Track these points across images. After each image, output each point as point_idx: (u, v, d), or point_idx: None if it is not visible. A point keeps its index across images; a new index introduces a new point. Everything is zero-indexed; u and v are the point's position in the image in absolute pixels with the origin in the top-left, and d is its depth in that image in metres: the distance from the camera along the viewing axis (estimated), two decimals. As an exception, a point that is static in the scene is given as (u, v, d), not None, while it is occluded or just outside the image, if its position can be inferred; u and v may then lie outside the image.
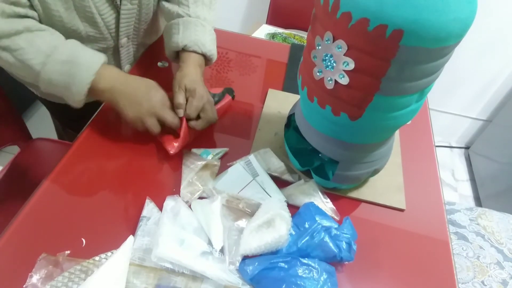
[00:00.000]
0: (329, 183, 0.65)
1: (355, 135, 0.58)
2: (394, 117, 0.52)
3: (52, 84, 0.65)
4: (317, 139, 0.62)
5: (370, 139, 0.59)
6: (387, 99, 0.49)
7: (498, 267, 0.92)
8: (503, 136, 1.69)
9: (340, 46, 0.46)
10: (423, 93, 0.52)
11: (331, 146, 0.61)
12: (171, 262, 0.53)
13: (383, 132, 0.58)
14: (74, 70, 0.63)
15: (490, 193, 1.69)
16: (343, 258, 0.56)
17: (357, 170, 0.62)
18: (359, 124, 0.53)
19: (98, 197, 0.63)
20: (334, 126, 0.57)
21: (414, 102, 0.52)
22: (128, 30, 0.80)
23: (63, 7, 0.66)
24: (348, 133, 0.57)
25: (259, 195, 0.64)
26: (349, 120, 0.53)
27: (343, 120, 0.53)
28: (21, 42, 0.62)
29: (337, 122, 0.55)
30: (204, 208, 0.60)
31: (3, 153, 1.57)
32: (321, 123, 0.59)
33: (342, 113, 0.53)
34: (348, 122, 0.53)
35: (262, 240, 0.55)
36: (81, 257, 0.54)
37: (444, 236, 0.65)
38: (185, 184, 0.65)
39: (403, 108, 0.52)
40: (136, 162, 0.69)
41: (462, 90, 1.82)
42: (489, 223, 1.03)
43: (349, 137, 0.58)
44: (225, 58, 0.96)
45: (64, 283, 0.51)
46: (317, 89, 0.54)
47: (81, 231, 0.58)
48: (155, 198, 0.62)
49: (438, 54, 0.45)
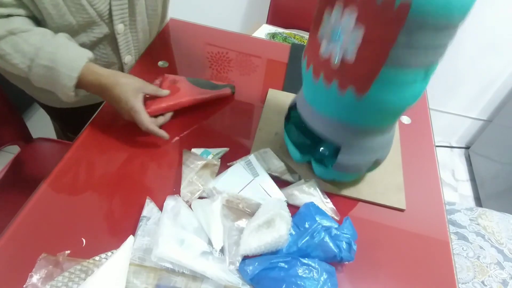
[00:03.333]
0: (330, 172, 0.65)
1: (359, 116, 0.58)
2: (399, 97, 0.53)
3: (42, 85, 0.68)
4: (319, 123, 0.62)
5: (374, 122, 0.59)
6: (394, 72, 0.50)
7: (498, 267, 0.92)
8: (503, 136, 1.69)
9: (348, 18, 0.48)
10: (427, 73, 0.52)
11: (334, 129, 0.61)
12: (171, 262, 0.53)
13: (387, 114, 0.58)
14: (55, 76, 0.65)
15: (490, 193, 1.69)
16: (343, 258, 0.56)
17: (358, 157, 0.62)
18: (364, 104, 0.54)
19: (98, 197, 0.63)
20: (338, 106, 0.58)
21: (419, 80, 0.52)
22: (123, 16, 0.78)
23: (51, 3, 0.66)
24: (352, 113, 0.57)
25: (259, 195, 0.63)
26: (355, 98, 0.53)
27: (348, 98, 0.54)
28: (6, 47, 0.63)
29: (342, 101, 0.55)
30: (204, 208, 0.60)
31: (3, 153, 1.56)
32: (325, 104, 0.59)
33: (348, 89, 0.53)
34: (353, 101, 0.54)
35: (262, 240, 0.55)
36: (81, 257, 0.54)
37: (444, 236, 0.65)
38: (185, 183, 0.65)
39: (409, 84, 0.52)
40: (136, 162, 0.69)
41: (462, 90, 1.82)
42: (489, 223, 1.03)
43: (353, 118, 0.58)
44: (225, 58, 0.96)
45: (64, 283, 0.51)
46: (324, 65, 0.55)
47: (81, 231, 0.58)
48: (155, 198, 0.62)
49: (443, 27, 0.47)
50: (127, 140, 0.72)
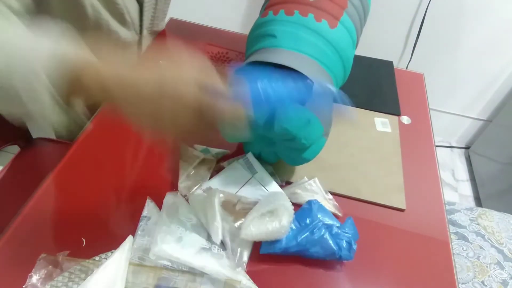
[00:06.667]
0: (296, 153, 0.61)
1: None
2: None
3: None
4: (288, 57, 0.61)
5: None
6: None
7: (498, 267, 0.92)
8: (503, 136, 1.69)
9: None
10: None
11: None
12: (170, 260, 0.54)
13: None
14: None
15: (490, 193, 1.69)
16: (342, 256, 0.56)
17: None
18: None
19: (98, 197, 0.63)
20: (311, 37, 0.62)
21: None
22: (148, 22, 0.81)
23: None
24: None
25: (259, 192, 0.64)
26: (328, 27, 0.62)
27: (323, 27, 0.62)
28: None
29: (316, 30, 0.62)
30: (202, 203, 0.60)
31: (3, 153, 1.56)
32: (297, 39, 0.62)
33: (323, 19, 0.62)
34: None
35: (263, 227, 0.55)
36: (81, 257, 0.54)
37: (444, 236, 0.65)
38: (183, 178, 0.65)
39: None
40: (137, 161, 0.69)
41: (462, 90, 1.82)
42: (489, 223, 1.03)
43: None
44: (225, 58, 0.96)
45: (64, 283, 0.51)
46: (297, 4, 0.62)
47: (81, 231, 0.58)
48: (155, 197, 0.62)
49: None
50: (127, 140, 0.72)
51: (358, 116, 0.85)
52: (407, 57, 1.73)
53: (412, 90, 0.97)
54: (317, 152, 0.62)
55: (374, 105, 0.88)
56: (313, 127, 0.55)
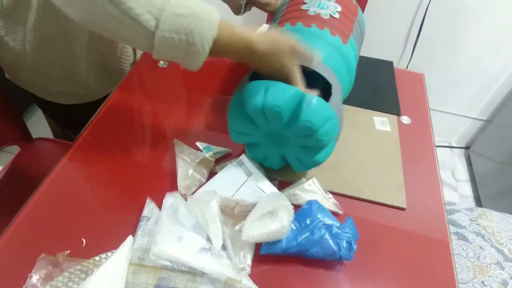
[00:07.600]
0: (309, 157, 0.62)
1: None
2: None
3: (166, 47, 0.53)
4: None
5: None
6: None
7: (498, 267, 0.92)
8: (503, 136, 1.69)
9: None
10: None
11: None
12: (169, 260, 0.54)
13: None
14: (192, 26, 0.52)
15: (490, 193, 1.69)
16: (342, 256, 0.56)
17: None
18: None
19: (98, 197, 0.63)
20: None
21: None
22: None
23: None
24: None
25: (256, 194, 0.64)
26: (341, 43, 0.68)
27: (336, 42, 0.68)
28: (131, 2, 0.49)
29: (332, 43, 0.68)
30: (201, 206, 0.59)
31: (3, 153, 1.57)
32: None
33: (337, 35, 0.68)
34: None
35: (265, 229, 0.55)
36: (81, 257, 0.54)
37: (444, 236, 0.65)
38: (182, 177, 0.65)
39: None
40: (136, 161, 0.69)
41: (462, 90, 1.82)
42: (489, 223, 1.03)
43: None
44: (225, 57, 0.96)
45: (64, 283, 0.51)
46: (314, 19, 0.68)
47: (81, 231, 0.58)
48: (155, 197, 0.62)
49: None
50: (127, 140, 0.72)
51: (358, 116, 0.85)
52: (407, 57, 1.73)
53: (412, 90, 0.97)
54: (327, 156, 0.63)
55: (374, 105, 0.88)
56: (333, 124, 0.58)
